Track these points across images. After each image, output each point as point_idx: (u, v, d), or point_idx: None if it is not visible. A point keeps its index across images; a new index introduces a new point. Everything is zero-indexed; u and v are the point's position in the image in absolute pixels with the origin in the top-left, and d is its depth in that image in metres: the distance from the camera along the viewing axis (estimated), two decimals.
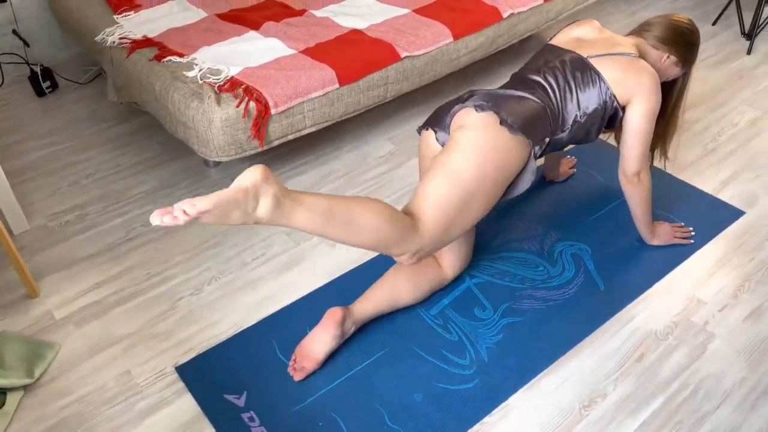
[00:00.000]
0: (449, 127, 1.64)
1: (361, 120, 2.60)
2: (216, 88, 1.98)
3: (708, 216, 2.09)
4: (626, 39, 1.84)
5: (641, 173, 1.79)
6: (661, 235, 1.97)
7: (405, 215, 1.44)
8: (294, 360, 1.64)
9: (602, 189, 2.22)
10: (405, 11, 2.45)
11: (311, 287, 1.89)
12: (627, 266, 1.92)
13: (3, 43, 2.86)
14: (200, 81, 2.01)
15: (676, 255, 1.96)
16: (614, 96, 1.71)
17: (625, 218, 2.07)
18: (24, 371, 1.61)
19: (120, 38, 2.31)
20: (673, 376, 1.63)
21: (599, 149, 2.38)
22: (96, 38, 2.38)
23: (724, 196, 2.18)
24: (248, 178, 1.22)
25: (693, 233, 2.02)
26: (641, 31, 1.87)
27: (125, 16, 2.45)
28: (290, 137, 2.12)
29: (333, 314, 1.62)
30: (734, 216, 2.10)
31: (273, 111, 1.99)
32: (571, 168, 2.29)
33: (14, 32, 2.81)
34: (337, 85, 2.11)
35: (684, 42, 1.82)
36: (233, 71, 2.06)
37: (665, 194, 2.17)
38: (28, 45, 2.86)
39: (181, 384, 1.63)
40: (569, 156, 2.35)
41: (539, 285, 1.88)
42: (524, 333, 1.74)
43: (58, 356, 1.70)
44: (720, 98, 2.70)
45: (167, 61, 2.14)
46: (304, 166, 2.36)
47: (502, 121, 1.54)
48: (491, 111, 1.56)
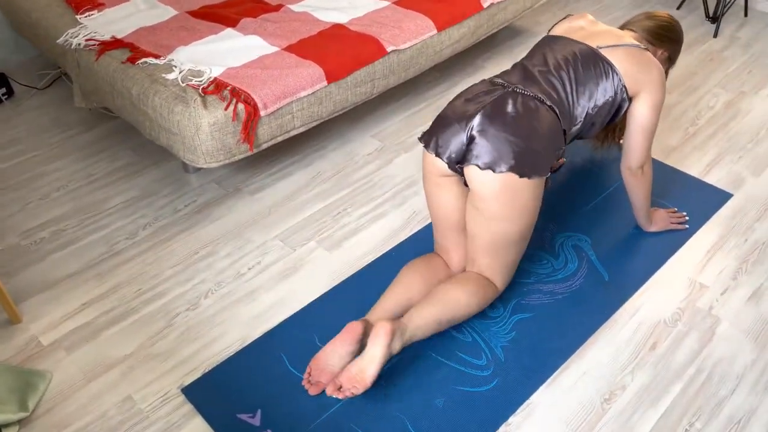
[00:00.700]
0: (456, 163, 1.58)
1: (343, 117, 2.53)
2: (201, 91, 1.88)
3: (698, 200, 2.12)
4: (626, 32, 1.83)
5: (645, 166, 1.79)
6: (658, 222, 1.99)
7: (485, 286, 1.66)
8: (309, 373, 1.58)
9: (594, 178, 2.22)
10: (385, 3, 2.39)
11: (313, 295, 1.82)
12: (628, 254, 1.93)
13: None
14: (182, 84, 1.91)
15: (674, 241, 1.98)
16: (625, 87, 1.69)
17: (620, 206, 2.08)
18: (17, 404, 1.49)
19: (86, 40, 2.17)
20: (688, 362, 1.64)
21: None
22: (58, 40, 2.24)
23: (711, 179, 2.22)
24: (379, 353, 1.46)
25: (687, 218, 2.04)
26: (631, 28, 1.86)
27: (88, 17, 2.31)
28: (279, 139, 2.04)
29: (352, 328, 1.53)
30: (723, 199, 2.13)
31: (262, 113, 1.91)
32: (561, 158, 2.28)
33: None
34: (325, 83, 2.04)
35: (675, 39, 1.84)
36: (216, 72, 1.96)
37: (656, 180, 2.18)
38: None
39: (190, 406, 1.55)
40: None
41: (545, 279, 1.86)
42: (536, 329, 1.72)
43: (51, 385, 1.59)
44: (693, 82, 2.75)
45: (142, 63, 2.02)
46: (291, 168, 2.28)
47: (524, 175, 1.51)
48: (510, 172, 1.50)
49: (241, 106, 1.87)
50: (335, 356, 1.54)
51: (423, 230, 2.01)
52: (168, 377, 1.61)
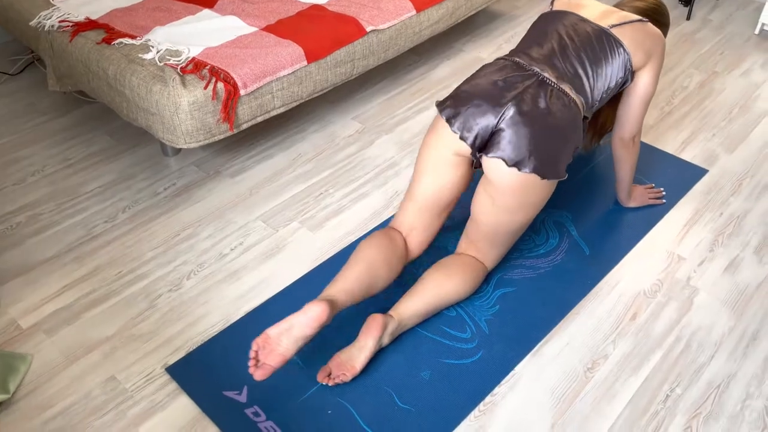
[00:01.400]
0: (477, 147, 1.55)
1: (323, 99, 2.52)
2: (179, 70, 1.86)
3: (675, 176, 2.16)
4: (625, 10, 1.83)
5: (636, 137, 1.81)
6: (637, 198, 2.02)
7: (476, 270, 1.68)
8: (255, 354, 1.39)
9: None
10: None
11: (297, 274, 1.82)
12: (608, 229, 1.96)
13: None
14: (160, 63, 1.88)
15: (652, 215, 2.01)
16: (631, 65, 1.68)
17: (600, 183, 2.11)
18: None
19: (60, 21, 2.13)
20: (667, 331, 1.67)
21: None
22: (31, 23, 2.19)
23: (687, 156, 2.25)
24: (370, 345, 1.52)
25: (664, 193, 2.08)
26: (623, 9, 1.86)
27: None
28: (259, 119, 2.03)
29: (318, 313, 1.39)
30: (699, 174, 2.17)
31: (242, 92, 1.89)
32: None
33: None
34: (305, 63, 2.03)
35: (664, 22, 1.87)
36: (194, 52, 1.94)
37: None
38: None
39: (174, 385, 1.53)
40: None
41: (527, 254, 1.88)
42: (519, 302, 1.74)
43: (32, 367, 1.56)
44: (668, 63, 2.79)
45: (118, 44, 1.99)
46: (271, 150, 2.27)
47: (545, 177, 1.53)
48: (534, 173, 1.51)
49: (221, 85, 1.85)
50: (290, 339, 1.37)
51: None
52: (151, 357, 1.60)
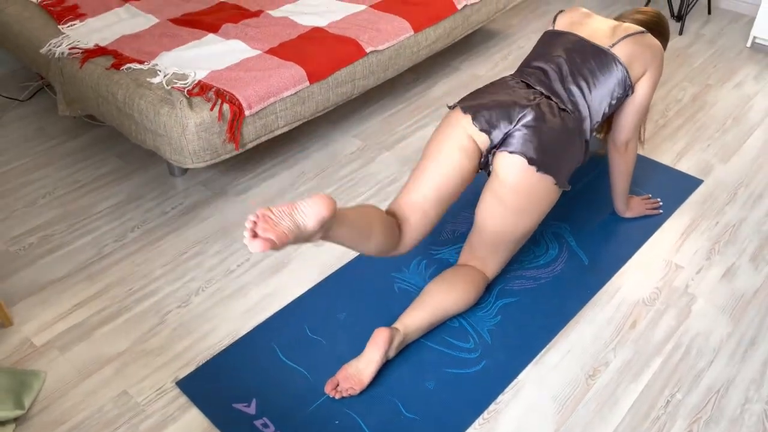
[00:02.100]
0: (496, 143, 1.63)
1: (325, 119, 2.58)
2: (186, 93, 1.92)
3: (671, 187, 2.21)
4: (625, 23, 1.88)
5: (630, 143, 1.86)
6: (633, 208, 2.06)
7: (477, 282, 1.72)
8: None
9: None
10: (362, 7, 2.45)
11: (302, 289, 1.86)
12: (606, 240, 2.00)
13: None
14: (167, 87, 1.94)
15: (649, 225, 2.05)
16: (630, 80, 1.74)
17: (597, 194, 2.15)
18: (13, 403, 1.50)
19: (70, 48, 2.20)
20: (666, 338, 1.70)
21: None
22: (41, 50, 2.26)
23: (682, 167, 2.30)
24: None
25: (661, 204, 2.12)
26: (624, 22, 1.90)
27: (71, 26, 2.34)
28: (263, 139, 2.08)
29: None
30: (694, 185, 2.22)
31: (247, 113, 1.95)
32: None
33: None
34: (307, 83, 2.09)
35: (664, 34, 1.93)
36: (200, 75, 2.00)
37: None
38: None
39: (185, 398, 1.57)
40: None
41: (527, 265, 1.92)
42: (521, 312, 1.77)
43: (46, 384, 1.60)
44: (662, 76, 2.84)
45: (127, 69, 2.06)
46: (275, 169, 2.32)
47: (556, 183, 1.63)
48: (547, 174, 1.60)
49: (227, 107, 1.91)
50: (291, 221, 1.29)
51: None
52: (162, 372, 1.63)
